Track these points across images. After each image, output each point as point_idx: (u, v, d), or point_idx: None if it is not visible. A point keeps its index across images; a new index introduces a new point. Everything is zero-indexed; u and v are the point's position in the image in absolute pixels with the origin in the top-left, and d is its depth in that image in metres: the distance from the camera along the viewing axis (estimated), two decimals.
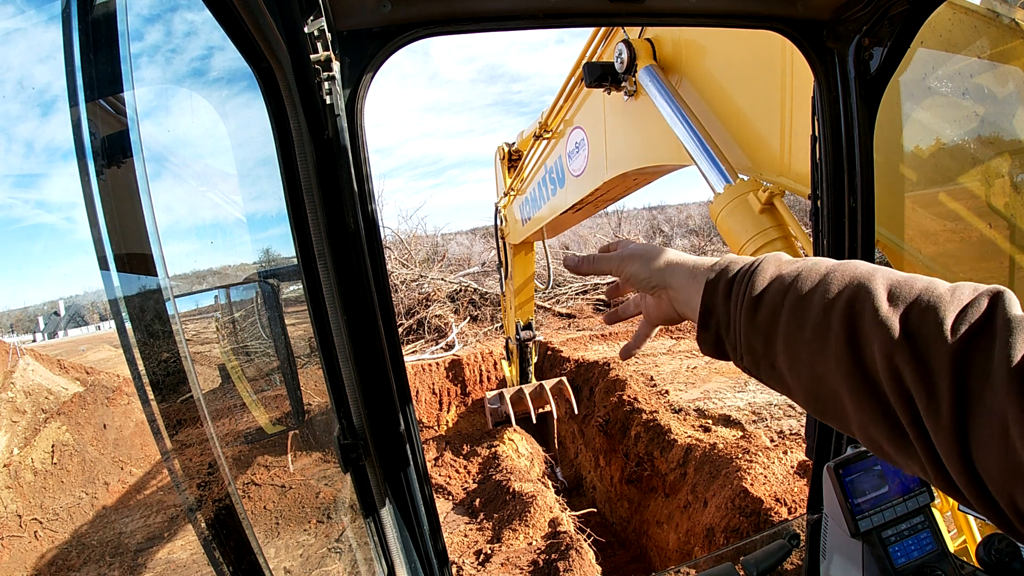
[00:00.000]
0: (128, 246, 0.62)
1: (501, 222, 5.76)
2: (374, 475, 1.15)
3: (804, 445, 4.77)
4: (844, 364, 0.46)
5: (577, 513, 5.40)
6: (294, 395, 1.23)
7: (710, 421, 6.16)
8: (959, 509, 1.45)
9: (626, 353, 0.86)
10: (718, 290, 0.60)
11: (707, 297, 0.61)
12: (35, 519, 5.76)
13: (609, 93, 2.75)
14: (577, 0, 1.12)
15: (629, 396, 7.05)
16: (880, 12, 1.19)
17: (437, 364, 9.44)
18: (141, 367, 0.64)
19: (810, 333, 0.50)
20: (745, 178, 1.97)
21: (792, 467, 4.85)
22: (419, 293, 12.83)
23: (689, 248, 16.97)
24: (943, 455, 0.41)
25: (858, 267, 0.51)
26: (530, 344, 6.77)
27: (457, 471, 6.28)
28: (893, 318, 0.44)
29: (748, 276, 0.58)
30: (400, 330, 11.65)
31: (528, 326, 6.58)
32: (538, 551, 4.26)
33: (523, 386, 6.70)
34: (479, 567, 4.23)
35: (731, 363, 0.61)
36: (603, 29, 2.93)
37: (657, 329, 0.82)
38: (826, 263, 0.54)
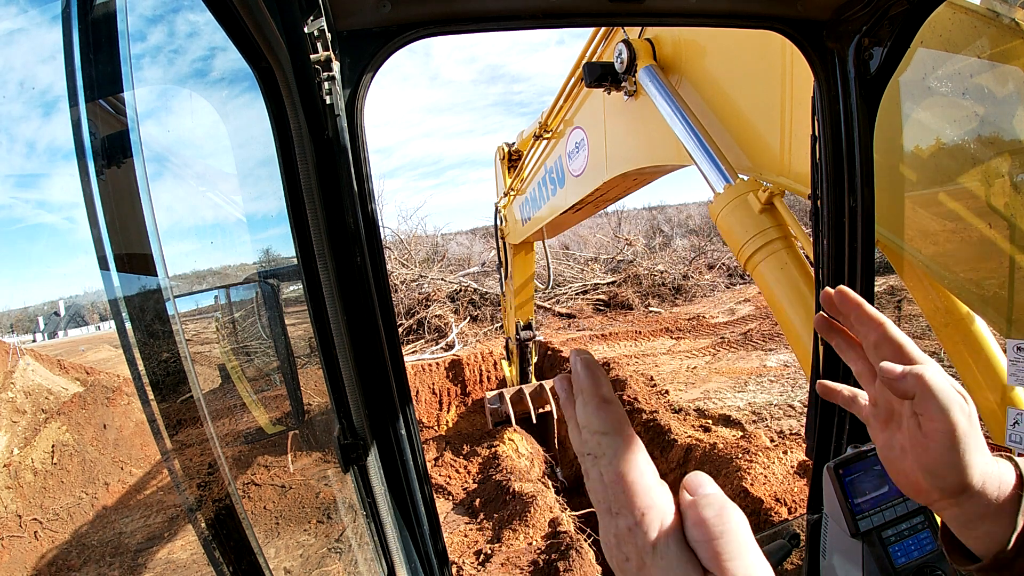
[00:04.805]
0: (128, 246, 0.62)
1: (501, 222, 5.76)
2: (374, 475, 1.15)
3: (804, 445, 4.77)
4: None
5: (577, 513, 5.39)
6: (294, 395, 1.23)
7: (710, 421, 6.16)
8: None
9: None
10: None
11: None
12: (35, 519, 5.77)
13: (609, 93, 2.75)
14: (577, 0, 1.12)
15: (629, 396, 7.05)
16: (880, 12, 1.19)
17: (437, 364, 9.44)
18: (141, 367, 0.64)
19: None
20: (745, 178, 1.97)
21: (792, 467, 4.85)
22: (419, 293, 12.84)
23: (689, 248, 16.94)
24: None
25: None
26: (530, 344, 6.77)
27: (457, 471, 6.28)
28: None
29: None
30: (400, 330, 11.64)
31: (528, 326, 6.58)
32: (538, 551, 4.26)
33: (523, 386, 6.70)
34: (479, 567, 4.23)
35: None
36: (603, 29, 2.93)
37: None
38: None
